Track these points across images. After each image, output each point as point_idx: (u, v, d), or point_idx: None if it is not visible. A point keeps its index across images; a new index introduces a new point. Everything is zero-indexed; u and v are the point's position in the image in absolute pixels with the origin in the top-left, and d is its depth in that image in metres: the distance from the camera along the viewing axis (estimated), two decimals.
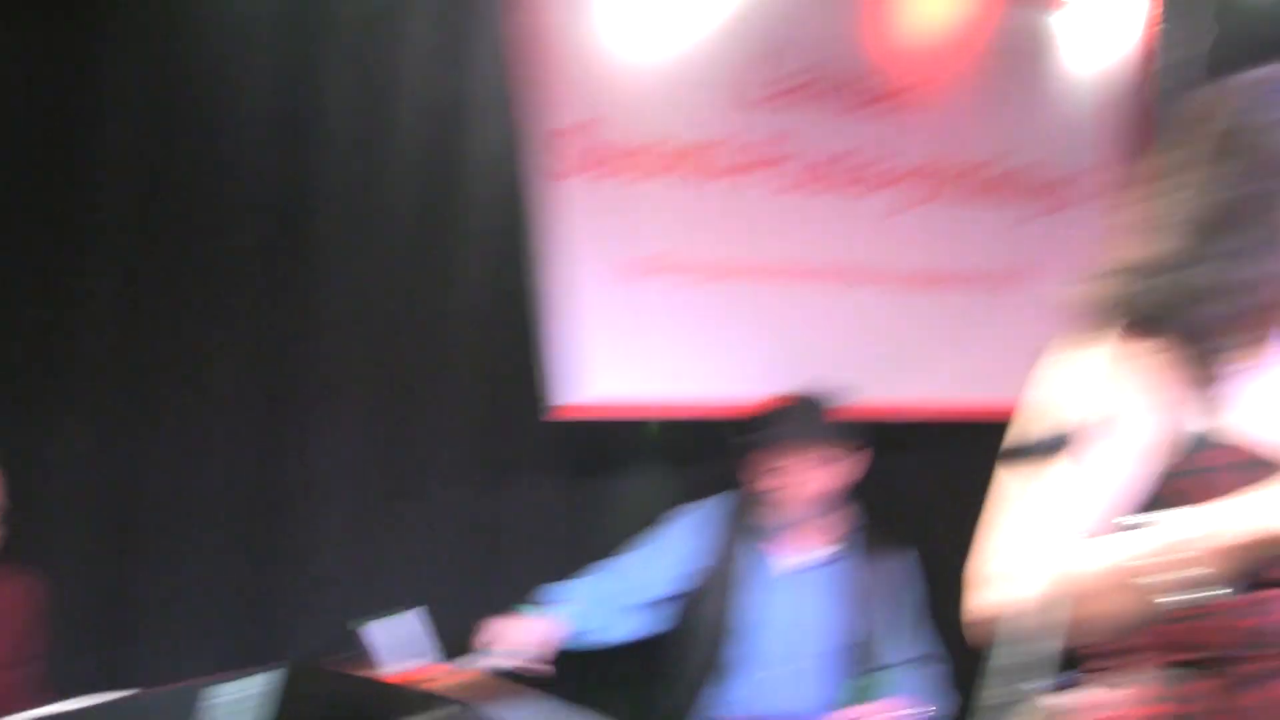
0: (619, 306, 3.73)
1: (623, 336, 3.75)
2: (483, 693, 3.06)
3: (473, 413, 3.80)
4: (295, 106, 3.61)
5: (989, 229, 4.14)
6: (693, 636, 3.64)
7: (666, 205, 3.77)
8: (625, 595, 3.65)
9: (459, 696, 2.74)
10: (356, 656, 3.13)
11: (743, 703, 3.59)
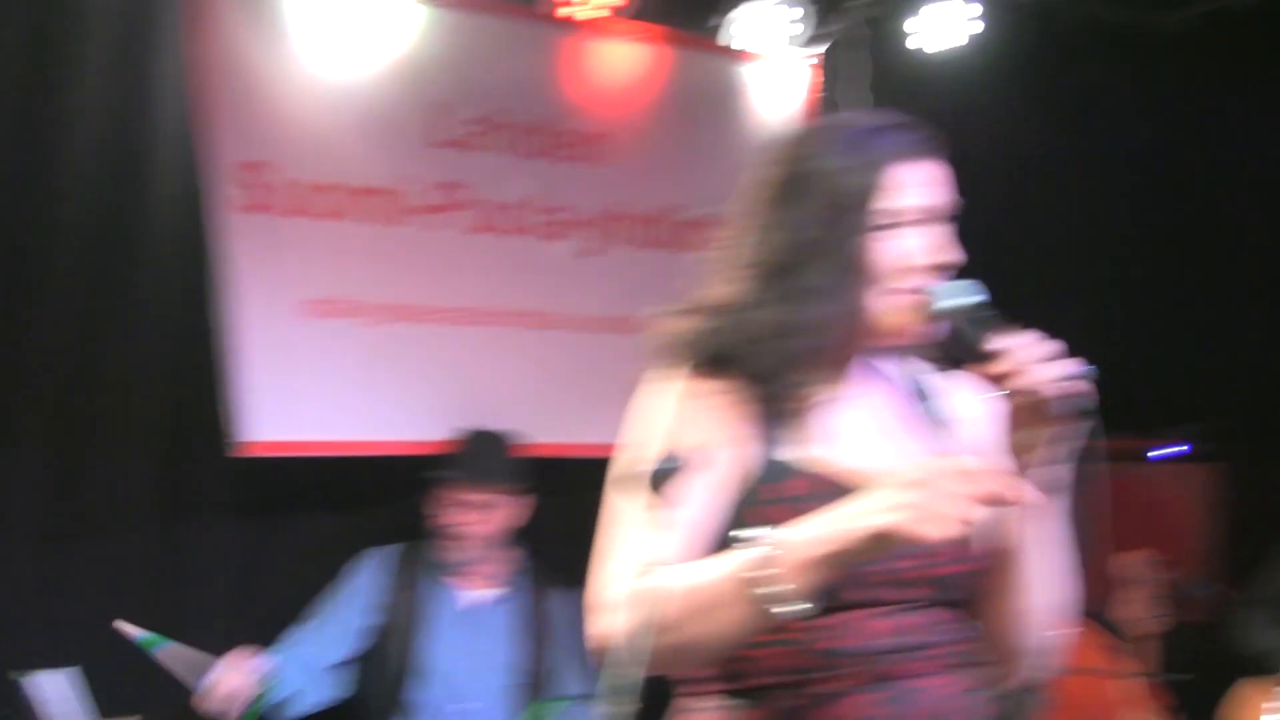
0: (298, 345, 3.72)
1: (303, 375, 3.74)
2: None
3: (152, 450, 3.71)
4: None
5: (671, 276, 4.29)
6: (377, 676, 3.68)
7: (345, 246, 3.77)
8: (322, 658, 3.65)
9: None
10: (19, 711, 3.04)
11: None
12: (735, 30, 4.33)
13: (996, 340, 1.65)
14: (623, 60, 4.20)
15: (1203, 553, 4.60)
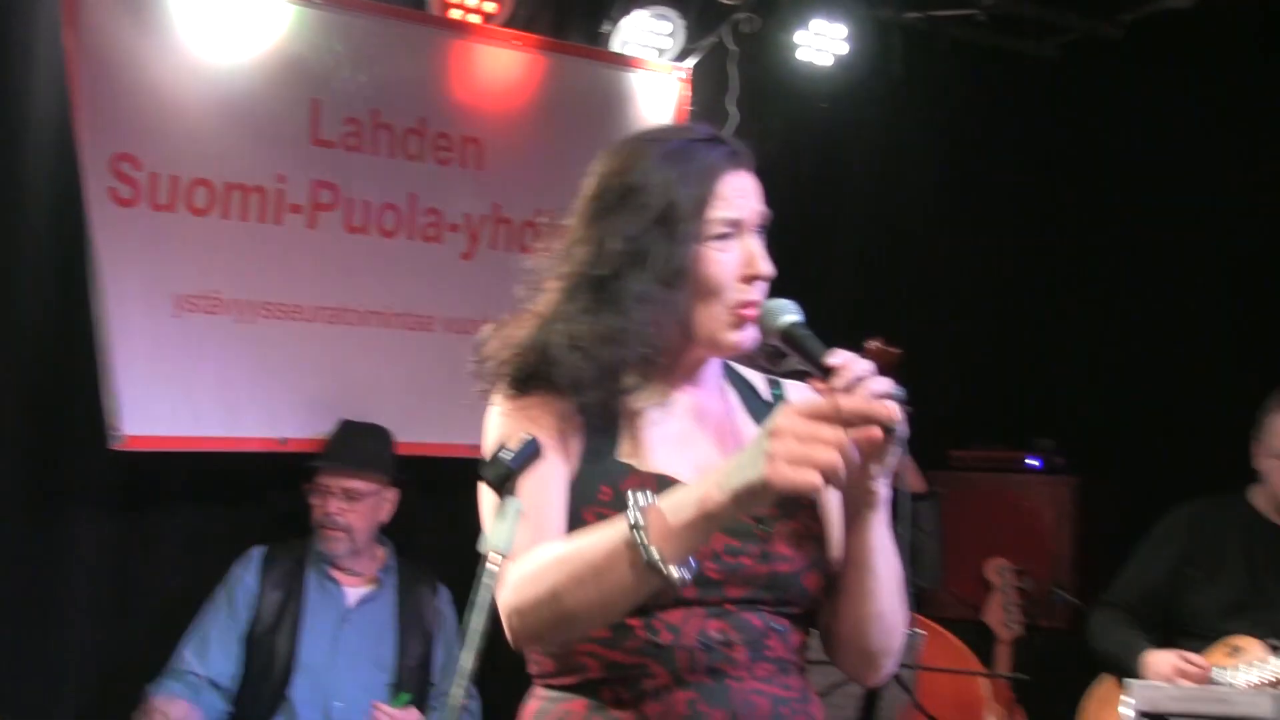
0: (173, 341, 3.69)
1: (178, 371, 3.71)
2: None
3: (29, 443, 3.64)
4: None
5: None
6: (260, 673, 3.64)
7: (220, 243, 3.74)
8: (221, 669, 3.62)
9: None
10: None
11: None
12: (618, 39, 4.40)
13: (830, 356, 1.71)
14: (502, 65, 4.23)
15: (1061, 560, 4.73)
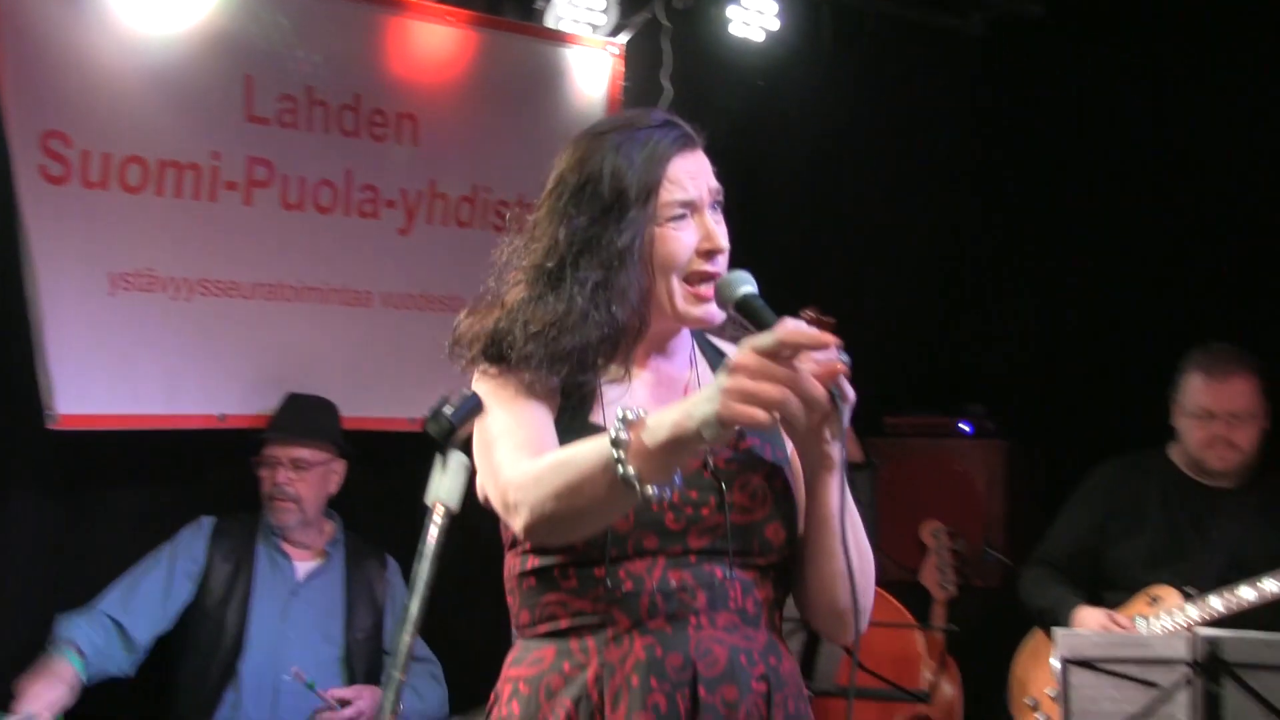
0: (108, 319, 3.68)
1: (114, 349, 3.70)
2: None
3: None
4: None
5: (484, 256, 4.34)
6: (206, 648, 3.66)
7: (155, 220, 3.73)
8: (138, 623, 3.62)
9: None
10: None
11: (258, 712, 3.64)
12: (552, 15, 4.43)
13: (778, 326, 1.77)
14: (437, 41, 4.24)
15: (993, 521, 4.84)
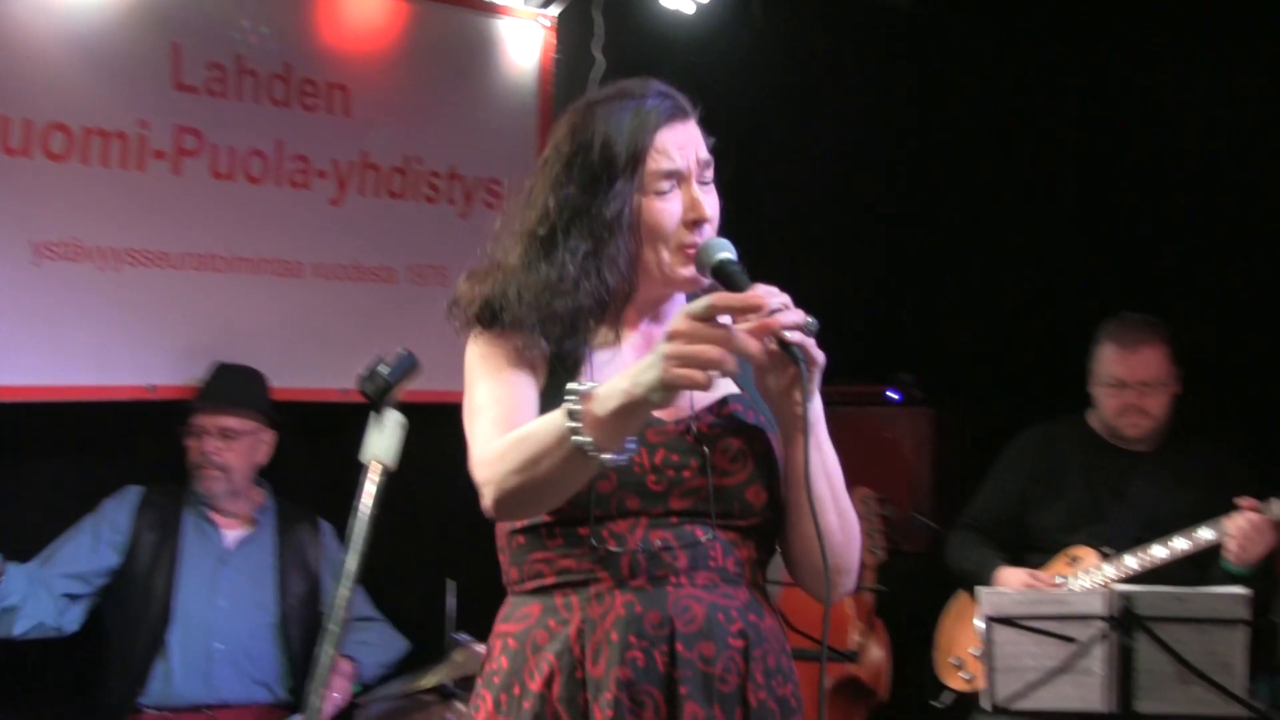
0: (33, 289, 3.66)
1: (39, 320, 3.68)
2: None
3: None
4: None
5: (414, 227, 4.38)
6: (133, 620, 3.65)
7: (80, 189, 3.71)
8: (52, 579, 3.59)
9: None
10: None
11: (188, 683, 3.65)
12: None
13: (749, 291, 1.83)
14: (367, 11, 4.25)
15: (920, 487, 4.91)
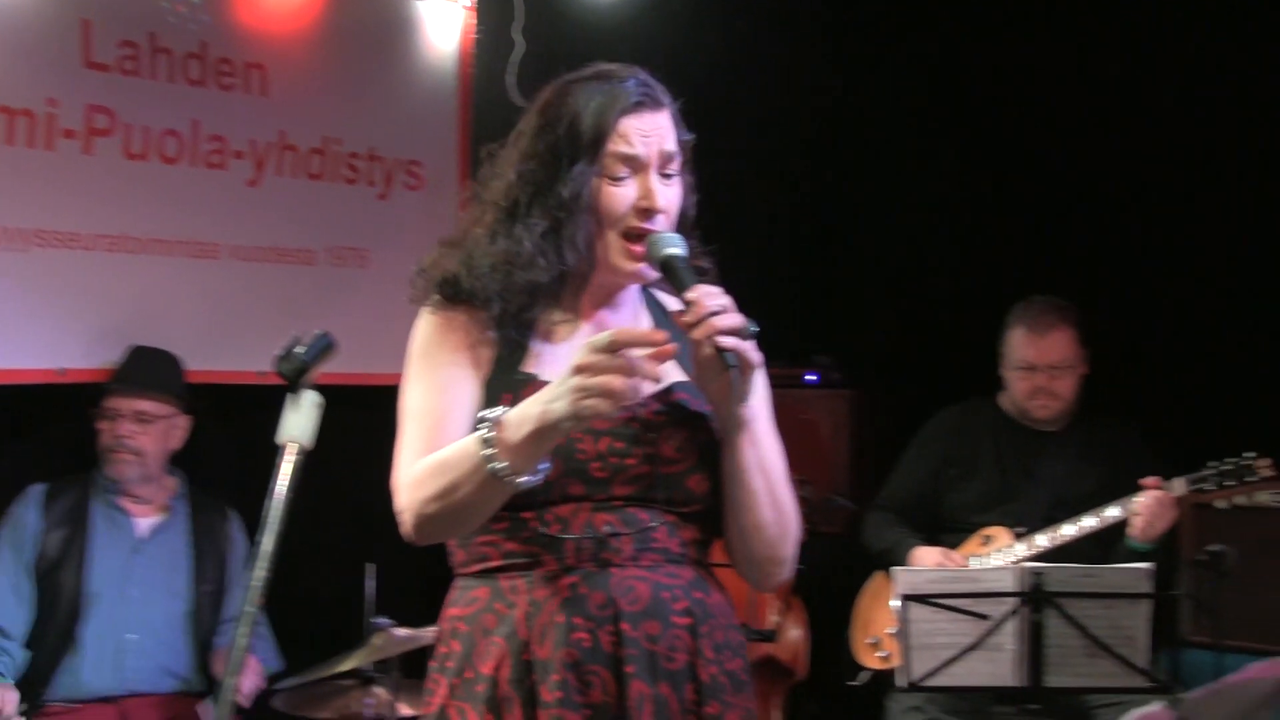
0: None
1: None
2: None
3: None
4: None
5: (332, 208, 4.34)
6: (43, 613, 3.59)
7: None
8: (7, 613, 3.54)
9: None
10: None
11: (98, 675, 3.59)
12: None
13: (691, 290, 1.86)
14: None
15: (838, 469, 4.97)
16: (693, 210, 2.05)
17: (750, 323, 1.83)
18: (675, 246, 1.94)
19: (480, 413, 1.81)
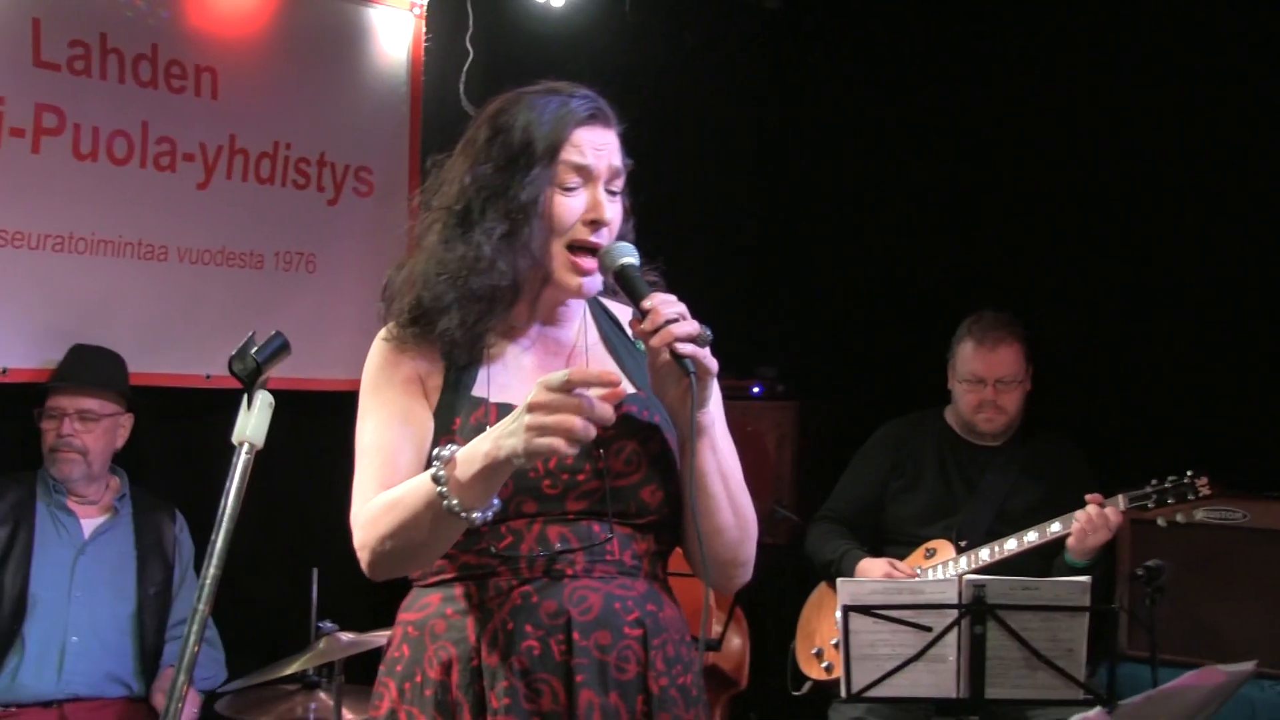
0: None
1: None
2: None
3: None
4: None
5: (281, 212, 4.32)
6: None
7: None
8: None
9: None
10: None
11: (39, 678, 3.55)
12: None
13: (647, 299, 1.88)
14: None
15: (782, 480, 4.99)
16: (631, 235, 2.06)
17: (706, 329, 1.85)
18: (629, 256, 1.96)
19: (433, 450, 1.83)
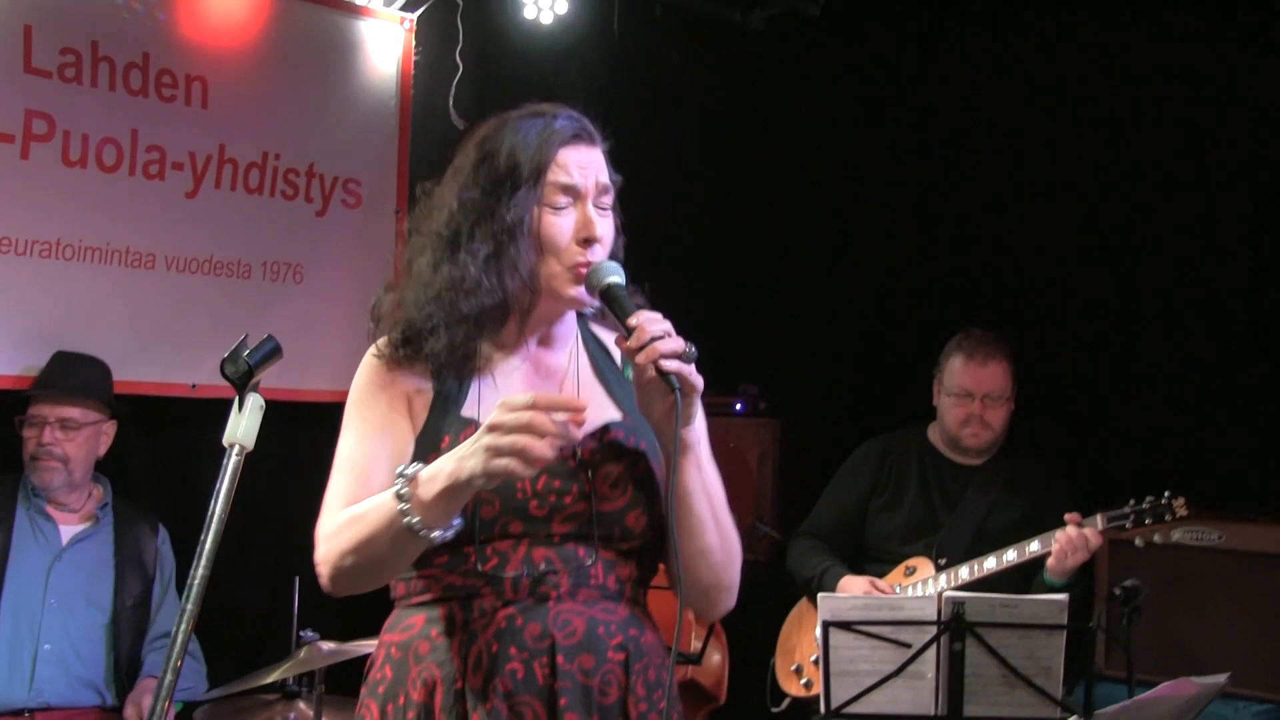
0: None
1: None
2: None
3: None
4: None
5: (269, 222, 4.33)
6: None
7: None
8: None
9: None
10: None
11: (10, 686, 3.52)
12: None
13: (634, 317, 1.90)
14: (228, 4, 4.20)
15: (764, 496, 5.01)
16: (621, 253, 2.08)
17: (691, 346, 1.87)
18: (615, 275, 1.97)
19: (399, 467, 1.84)
